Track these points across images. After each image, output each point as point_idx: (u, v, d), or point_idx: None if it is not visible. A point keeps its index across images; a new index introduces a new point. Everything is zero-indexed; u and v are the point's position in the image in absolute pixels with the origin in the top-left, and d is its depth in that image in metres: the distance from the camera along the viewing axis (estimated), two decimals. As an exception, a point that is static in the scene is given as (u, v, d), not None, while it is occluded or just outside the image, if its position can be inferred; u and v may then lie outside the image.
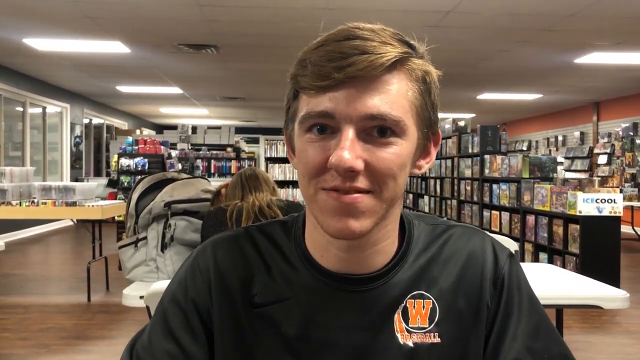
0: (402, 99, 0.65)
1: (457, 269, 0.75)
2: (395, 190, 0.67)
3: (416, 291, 0.73)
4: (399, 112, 0.65)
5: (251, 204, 2.16)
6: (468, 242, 0.77)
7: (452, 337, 0.72)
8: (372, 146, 0.65)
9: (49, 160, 10.62)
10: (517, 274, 0.77)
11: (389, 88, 0.65)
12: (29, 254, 7.90)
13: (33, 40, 6.76)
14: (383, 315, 0.72)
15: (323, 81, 0.63)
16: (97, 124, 13.29)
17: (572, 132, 12.90)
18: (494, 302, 0.74)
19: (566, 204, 5.25)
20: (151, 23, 5.97)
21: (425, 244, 0.76)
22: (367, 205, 0.65)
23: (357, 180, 0.64)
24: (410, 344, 0.71)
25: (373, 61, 0.62)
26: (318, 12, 5.49)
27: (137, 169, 7.95)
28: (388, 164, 0.65)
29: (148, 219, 2.35)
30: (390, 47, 0.64)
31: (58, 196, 5.13)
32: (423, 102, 0.68)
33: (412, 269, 0.74)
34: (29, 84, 9.43)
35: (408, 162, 0.68)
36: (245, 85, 10.08)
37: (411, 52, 0.67)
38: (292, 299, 0.73)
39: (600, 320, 4.51)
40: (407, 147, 0.66)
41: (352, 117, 0.64)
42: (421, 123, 0.68)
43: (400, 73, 0.66)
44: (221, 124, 16.14)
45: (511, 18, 5.63)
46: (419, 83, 0.67)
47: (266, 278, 0.74)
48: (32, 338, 3.92)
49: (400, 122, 0.65)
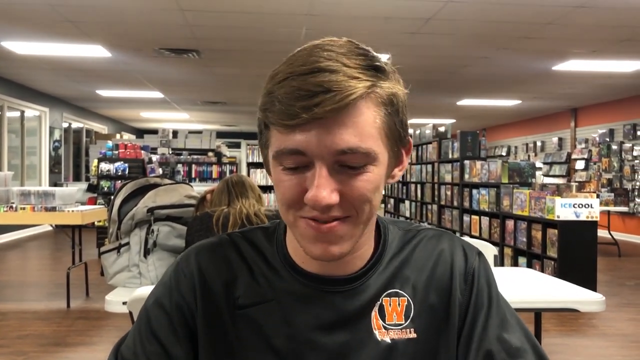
0: (370, 128, 0.67)
1: (429, 267, 0.79)
2: (372, 212, 0.70)
3: (391, 289, 0.77)
4: (368, 143, 0.66)
5: (238, 211, 2.17)
6: (438, 243, 0.82)
7: (426, 331, 0.76)
8: (346, 177, 0.67)
9: (27, 164, 10.47)
10: (486, 271, 0.81)
11: (357, 120, 0.66)
12: (6, 259, 7.78)
13: (12, 44, 6.69)
14: (360, 313, 0.75)
15: (291, 120, 0.64)
16: (76, 128, 13.15)
17: (550, 137, 13.09)
18: (465, 296, 0.79)
19: (544, 209, 5.33)
20: (133, 27, 5.94)
21: (398, 248, 0.80)
22: (345, 230, 0.69)
23: (335, 211, 0.67)
24: (387, 340, 0.75)
25: (339, 101, 0.63)
26: (300, 18, 5.52)
27: (118, 173, 7.90)
28: (362, 191, 0.67)
29: (131, 225, 2.34)
30: (356, 81, 0.65)
31: (37, 201, 5.07)
32: (392, 123, 0.69)
33: (387, 270, 0.78)
34: (7, 88, 9.31)
35: (382, 183, 0.71)
36: (226, 89, 10.07)
37: (377, 79, 0.67)
38: (274, 300, 0.76)
39: (577, 324, 4.59)
40: (379, 171, 0.69)
41: (324, 154, 0.65)
42: (392, 143, 0.70)
43: (367, 102, 0.66)
44: (202, 128, 16.08)
45: (490, 25, 5.72)
46: (386, 107, 0.68)
47: (249, 281, 0.77)
48: (10, 345, 3.87)
49: (370, 153, 0.67)
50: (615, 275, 6.77)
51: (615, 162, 10.44)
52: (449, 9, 5.12)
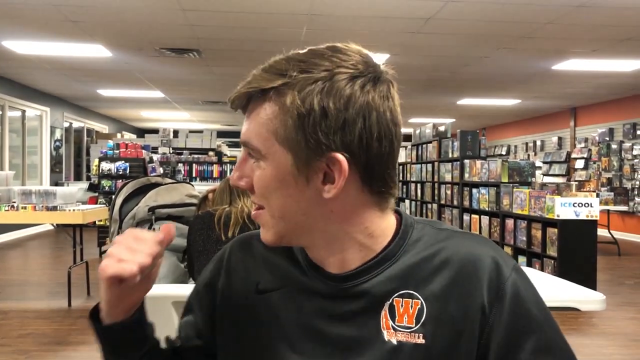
0: (260, 127, 0.72)
1: (452, 273, 0.74)
2: (278, 209, 0.74)
3: (404, 290, 0.74)
4: (255, 141, 0.72)
5: (240, 210, 2.18)
6: (468, 248, 0.76)
7: (438, 339, 0.72)
8: (249, 169, 0.75)
9: (29, 164, 10.49)
10: (525, 287, 0.75)
11: (255, 117, 0.73)
12: (7, 259, 7.80)
13: (12, 43, 6.70)
14: (370, 311, 0.75)
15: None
16: (77, 128, 13.16)
17: (550, 137, 13.10)
18: (494, 312, 0.72)
19: (544, 208, 5.34)
20: (134, 27, 5.96)
21: (424, 246, 0.77)
22: (262, 220, 0.76)
23: (252, 196, 0.77)
24: (394, 342, 0.73)
25: (236, 92, 0.74)
26: (301, 18, 5.53)
27: (118, 173, 7.92)
28: (256, 184, 0.74)
29: (132, 224, 2.35)
30: (262, 79, 0.72)
31: (38, 200, 5.09)
32: (294, 131, 0.69)
33: (398, 268, 0.75)
34: (8, 87, 9.32)
35: (284, 186, 0.72)
36: (227, 89, 9.94)
37: (289, 84, 0.70)
38: (290, 289, 0.80)
39: (577, 322, 4.60)
40: (269, 171, 0.72)
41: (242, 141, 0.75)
42: (297, 149, 0.70)
43: (270, 103, 0.71)
44: (203, 127, 16.08)
45: (491, 25, 5.73)
46: (286, 113, 0.70)
47: (270, 269, 0.83)
48: (12, 344, 3.88)
49: (257, 150, 0.73)
50: (615, 274, 6.79)
51: (615, 161, 10.45)
52: (449, 8, 5.13)
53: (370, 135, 0.70)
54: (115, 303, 0.75)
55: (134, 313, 0.77)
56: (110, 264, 0.70)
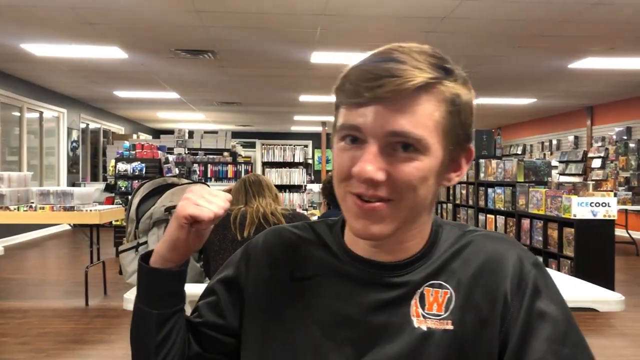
0: (426, 120, 0.72)
1: (478, 264, 0.80)
2: (416, 201, 0.74)
3: (435, 280, 0.79)
4: (421, 131, 0.71)
5: (255, 209, 2.18)
6: (492, 244, 0.82)
7: (465, 325, 0.77)
8: (395, 160, 0.72)
9: (46, 165, 10.62)
10: (546, 282, 0.79)
11: (414, 109, 0.71)
12: (26, 258, 7.90)
13: (31, 46, 6.79)
14: (402, 299, 0.79)
15: (355, 99, 0.72)
16: (93, 129, 13.29)
17: (566, 136, 12.98)
18: (515, 302, 0.77)
19: (561, 208, 5.29)
20: (149, 29, 6.00)
21: (450, 244, 0.83)
22: (386, 213, 0.74)
23: (379, 190, 0.72)
24: (424, 328, 0.77)
25: (399, 85, 0.70)
26: (315, 18, 5.54)
27: (135, 173, 7.98)
28: (408, 176, 0.72)
29: (149, 224, 2.37)
30: (419, 71, 0.71)
31: (56, 201, 5.15)
32: (451, 122, 0.74)
33: (434, 263, 0.81)
34: (26, 89, 9.44)
35: (431, 176, 0.74)
36: (241, 90, 10.12)
37: (441, 76, 0.73)
38: (325, 276, 0.83)
39: (595, 323, 4.55)
40: (429, 162, 0.73)
41: (377, 133, 0.71)
42: (448, 141, 0.74)
43: (428, 95, 0.72)
44: (218, 128, 16.16)
45: (506, 24, 5.69)
46: (446, 105, 0.73)
47: (305, 258, 0.85)
48: (31, 342, 3.93)
49: (422, 140, 0.71)
50: (634, 275, 6.70)
51: (633, 160, 10.32)
52: (464, 7, 5.11)
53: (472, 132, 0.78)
54: (176, 246, 0.80)
55: (182, 265, 0.83)
56: (188, 205, 0.78)
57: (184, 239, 0.80)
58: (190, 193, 0.80)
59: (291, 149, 8.22)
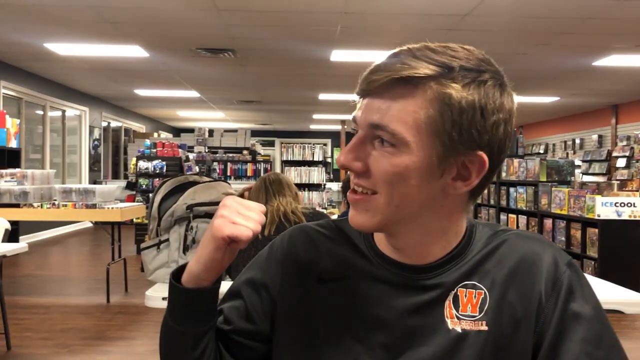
0: (405, 115, 0.70)
1: (511, 265, 0.79)
2: (397, 197, 0.72)
3: (468, 281, 0.78)
4: (395, 126, 0.70)
5: (276, 208, 2.18)
6: (525, 244, 0.81)
7: (500, 326, 0.76)
8: (372, 152, 0.73)
9: (68, 163, 10.75)
10: (580, 282, 0.78)
11: (394, 104, 0.70)
12: (49, 255, 8.01)
13: (54, 45, 6.87)
14: (435, 301, 0.77)
15: (356, 92, 0.74)
16: (115, 127, 13.43)
17: (589, 135, 12.79)
18: (550, 302, 0.76)
19: (584, 208, 5.21)
20: (170, 28, 6.04)
21: (484, 244, 0.81)
22: (369, 205, 0.74)
23: (360, 179, 0.74)
24: (458, 330, 0.76)
25: (382, 78, 0.70)
26: (335, 17, 5.52)
27: (155, 171, 8.04)
28: (381, 170, 0.72)
29: (170, 222, 2.38)
30: (409, 68, 0.69)
31: (78, 198, 5.20)
32: (440, 124, 0.69)
33: (467, 264, 0.79)
34: (49, 88, 9.56)
35: (411, 175, 0.71)
36: (261, 88, 10.14)
37: (434, 74, 0.69)
38: (355, 278, 0.81)
39: (619, 325, 4.47)
40: (406, 159, 0.70)
41: (362, 124, 0.73)
42: (437, 142, 0.70)
43: (417, 91, 0.69)
44: (237, 127, 16.23)
45: (529, 21, 5.62)
46: (437, 103, 0.69)
47: (333, 259, 0.83)
48: (54, 338, 3.98)
49: (397, 135, 0.70)
50: (659, 277, 6.57)
51: (659, 160, 10.14)
52: (486, 4, 5.05)
53: (505, 141, 0.74)
54: (212, 266, 0.77)
55: (216, 282, 0.80)
56: (225, 225, 0.74)
57: (220, 259, 0.76)
58: (224, 209, 0.75)
59: (310, 148, 8.22)
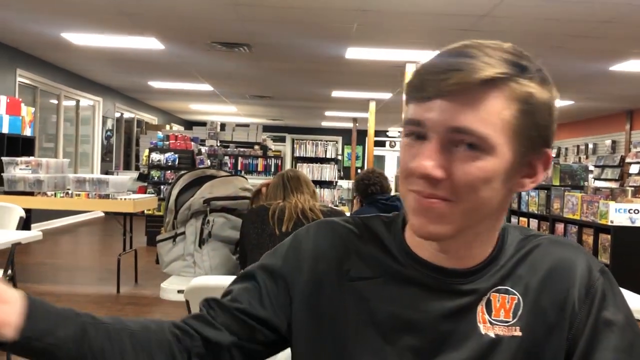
0: (493, 117, 0.67)
1: (545, 269, 0.78)
2: (477, 203, 0.69)
3: (501, 286, 0.77)
4: (486, 129, 0.67)
5: (293, 205, 2.18)
6: (559, 249, 0.80)
7: (533, 332, 0.75)
8: (456, 158, 0.68)
9: (80, 152, 10.81)
10: (613, 289, 0.78)
11: (480, 105, 0.67)
12: (60, 243, 8.07)
13: (71, 35, 6.91)
14: (467, 305, 0.76)
15: (420, 93, 0.69)
16: (127, 118, 13.49)
17: (603, 140, 12.70)
18: (583, 309, 0.76)
19: (597, 214, 5.17)
20: (187, 21, 6.05)
21: (515, 249, 0.80)
22: (445, 212, 0.69)
23: (437, 189, 0.68)
24: (492, 335, 0.75)
25: (463, 78, 0.66)
26: (352, 14, 5.51)
27: (168, 163, 8.07)
28: (469, 176, 0.67)
29: (187, 215, 2.39)
30: (488, 66, 0.66)
31: (91, 188, 5.24)
32: (523, 122, 0.69)
33: (503, 270, 0.78)
34: (64, 77, 9.61)
35: (496, 179, 0.69)
36: (274, 84, 10.14)
37: (513, 72, 0.68)
38: (384, 278, 0.79)
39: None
40: (494, 163, 0.68)
41: (439, 128, 0.68)
42: (519, 143, 0.69)
43: (497, 92, 0.67)
44: (249, 121, 16.25)
45: (546, 23, 5.58)
46: (519, 103, 0.68)
47: (362, 258, 0.81)
48: None
49: (487, 139, 0.67)
50: (670, 285, 6.52)
51: (673, 167, 10.06)
52: (505, 5, 5.02)
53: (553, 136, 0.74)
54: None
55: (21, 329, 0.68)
56: None
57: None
58: None
59: (323, 145, 8.21)
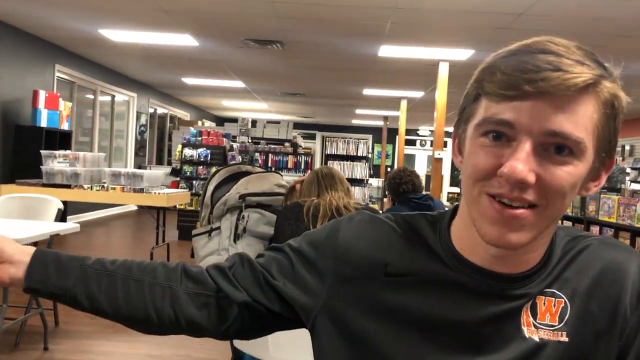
0: (586, 121, 0.66)
1: (594, 273, 0.75)
2: (561, 209, 0.68)
3: (548, 289, 0.74)
4: (581, 134, 0.65)
5: (328, 202, 2.19)
6: (609, 252, 0.77)
7: (581, 338, 0.73)
8: (547, 162, 0.66)
9: (115, 146, 11.01)
10: None
11: (576, 108, 0.65)
12: (94, 236, 8.23)
13: (108, 31, 7.03)
14: (511, 308, 0.74)
15: (511, 91, 0.64)
16: (161, 114, 13.67)
17: (641, 142, 12.40)
18: (635, 316, 0.73)
19: (634, 217, 5.06)
20: (222, 17, 6.10)
21: (563, 251, 0.77)
22: (529, 220, 0.67)
23: (526, 193, 0.66)
24: (536, 339, 0.72)
25: (567, 80, 0.63)
26: (386, 12, 5.48)
27: (200, 159, 8.16)
28: (560, 181, 0.66)
29: (222, 210, 2.41)
30: (585, 67, 0.65)
31: (126, 182, 5.33)
32: (607, 126, 0.68)
33: (552, 274, 0.75)
34: (101, 73, 9.79)
35: (579, 183, 0.68)
36: (306, 81, 10.16)
37: (603, 74, 0.66)
38: (428, 279, 0.76)
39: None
40: (581, 168, 0.67)
41: (533, 130, 0.65)
42: (600, 147, 0.69)
43: (589, 94, 0.66)
44: (279, 118, 16.31)
45: (586, 22, 5.46)
46: (606, 107, 0.67)
47: (403, 254, 0.78)
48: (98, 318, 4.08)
49: (581, 144, 0.65)
50: None
51: None
52: (543, 3, 4.93)
53: None
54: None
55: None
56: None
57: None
58: None
59: (354, 143, 8.20)
